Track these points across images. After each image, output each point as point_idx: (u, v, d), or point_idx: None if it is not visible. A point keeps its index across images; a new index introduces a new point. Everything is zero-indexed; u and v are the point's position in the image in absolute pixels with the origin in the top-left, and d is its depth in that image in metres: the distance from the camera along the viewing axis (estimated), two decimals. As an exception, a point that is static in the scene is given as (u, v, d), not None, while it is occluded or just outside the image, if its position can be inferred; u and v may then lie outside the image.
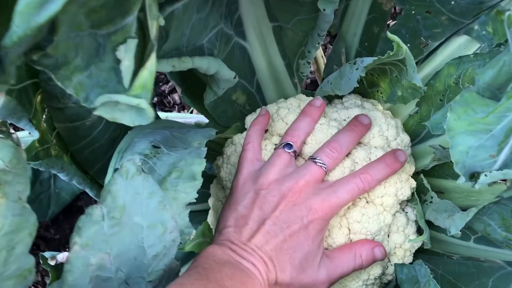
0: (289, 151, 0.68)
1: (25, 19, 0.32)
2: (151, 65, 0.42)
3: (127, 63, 0.42)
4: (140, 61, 0.44)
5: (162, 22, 0.45)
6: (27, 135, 0.95)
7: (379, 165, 0.67)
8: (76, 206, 1.07)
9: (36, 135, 0.64)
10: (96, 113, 0.41)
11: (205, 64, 0.66)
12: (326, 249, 0.69)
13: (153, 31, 0.43)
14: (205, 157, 0.64)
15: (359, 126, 0.69)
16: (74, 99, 0.66)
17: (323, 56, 1.01)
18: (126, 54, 0.42)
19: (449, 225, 0.59)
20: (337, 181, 0.66)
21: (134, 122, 0.43)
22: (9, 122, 0.63)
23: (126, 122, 0.42)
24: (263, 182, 0.65)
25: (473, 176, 0.51)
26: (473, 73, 0.67)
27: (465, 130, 0.47)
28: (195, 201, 0.59)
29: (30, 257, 0.48)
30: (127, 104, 0.41)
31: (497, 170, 0.47)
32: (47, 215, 0.98)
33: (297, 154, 0.69)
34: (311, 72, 1.19)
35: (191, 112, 1.14)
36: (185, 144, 0.70)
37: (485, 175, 0.48)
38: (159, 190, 0.57)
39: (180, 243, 0.72)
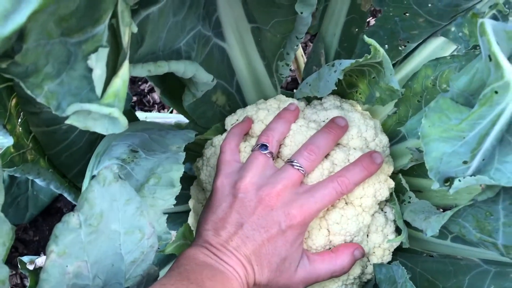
0: (265, 152, 0.68)
1: None
2: (124, 73, 0.42)
3: (98, 72, 0.41)
4: (113, 68, 0.43)
5: (135, 29, 0.45)
6: (1, 137, 0.94)
7: (356, 168, 0.67)
8: (55, 208, 1.06)
9: (10, 141, 0.63)
10: (68, 122, 0.40)
11: (182, 68, 0.65)
12: (307, 250, 0.69)
13: (125, 38, 0.43)
14: (183, 161, 0.64)
15: (336, 128, 0.70)
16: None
17: (303, 55, 1.01)
18: (98, 63, 0.41)
19: (425, 227, 0.59)
20: (315, 185, 0.66)
21: (108, 131, 0.42)
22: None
23: (99, 131, 0.42)
24: (241, 185, 0.65)
25: (448, 181, 0.51)
26: (450, 75, 0.67)
27: (439, 136, 0.47)
28: (173, 207, 0.59)
29: (4, 268, 0.48)
30: (98, 113, 0.41)
31: (470, 175, 0.48)
32: (25, 218, 0.97)
33: (273, 155, 0.69)
34: (291, 70, 1.19)
35: (171, 112, 1.13)
36: (163, 147, 0.69)
37: (459, 181, 0.49)
38: (136, 196, 0.57)
39: (158, 248, 0.73)
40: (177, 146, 0.70)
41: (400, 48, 0.73)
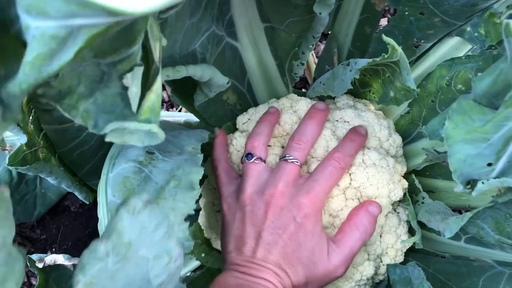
0: (252, 160, 0.68)
1: (36, 69, 0.31)
2: (157, 87, 0.42)
3: (134, 90, 0.41)
4: (144, 83, 0.43)
5: (164, 42, 0.44)
6: (11, 135, 0.93)
7: (345, 143, 0.68)
8: (63, 206, 1.05)
9: (24, 139, 0.63)
10: (107, 139, 0.40)
11: (199, 72, 0.65)
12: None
13: (156, 53, 0.42)
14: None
15: (319, 113, 0.71)
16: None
17: (313, 54, 1.01)
18: (133, 81, 0.41)
19: (443, 228, 0.59)
20: (314, 171, 0.67)
21: (144, 143, 0.42)
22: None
23: (136, 144, 0.42)
24: (244, 198, 0.66)
25: (469, 183, 0.51)
26: (465, 75, 0.67)
27: (463, 138, 0.47)
28: (193, 212, 0.59)
29: None
30: (136, 129, 0.41)
31: (495, 178, 0.48)
32: (33, 215, 0.96)
33: (263, 159, 0.69)
34: (300, 70, 1.18)
35: (180, 110, 1.13)
36: (179, 148, 0.69)
37: (482, 183, 0.48)
38: (165, 220, 0.56)
39: None
40: (192, 147, 0.69)
41: (414, 47, 0.72)
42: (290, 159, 0.66)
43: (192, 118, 0.96)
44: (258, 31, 0.74)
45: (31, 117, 0.70)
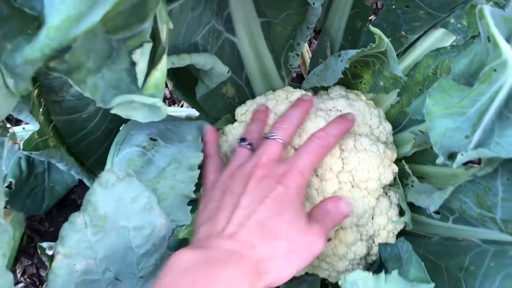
0: (245, 143, 0.71)
1: (63, 32, 0.34)
2: (163, 66, 0.45)
3: (142, 65, 0.44)
4: (151, 61, 0.47)
5: (171, 25, 0.48)
6: (21, 131, 0.98)
7: (331, 124, 0.71)
8: (70, 199, 1.09)
9: (36, 126, 0.67)
10: (112, 111, 0.44)
11: (202, 61, 0.69)
12: None
13: (163, 34, 0.46)
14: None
15: (304, 102, 0.74)
16: (72, 92, 0.68)
17: (308, 50, 1.05)
18: (142, 57, 0.44)
19: (428, 203, 0.63)
20: (298, 150, 0.70)
21: (147, 119, 0.46)
22: (11, 113, 0.65)
23: (138, 119, 0.46)
24: (227, 172, 0.67)
25: (451, 157, 0.55)
26: (450, 64, 0.71)
27: (442, 113, 0.51)
28: (194, 195, 0.62)
29: (8, 274, 0.50)
30: (141, 103, 0.44)
31: (472, 149, 0.52)
32: (42, 208, 1.00)
33: (253, 146, 0.71)
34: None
35: (181, 106, 1.17)
36: (180, 137, 0.73)
37: (462, 155, 0.52)
38: (145, 192, 0.59)
39: (173, 233, 0.76)
40: (192, 136, 0.74)
41: (402, 39, 0.77)
42: (273, 136, 0.68)
43: (193, 113, 1.00)
44: (254, 26, 0.79)
45: (41, 110, 0.74)
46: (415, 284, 0.61)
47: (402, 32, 0.76)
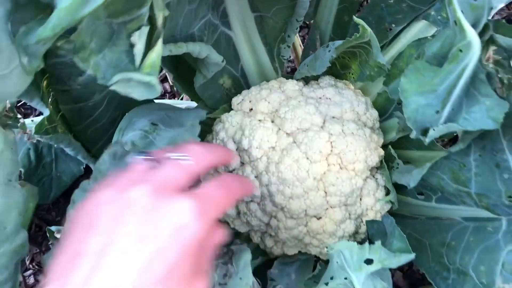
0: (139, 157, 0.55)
1: (72, 12, 0.39)
2: (158, 49, 0.51)
3: (140, 47, 0.50)
4: (147, 44, 0.52)
5: (166, 13, 0.54)
6: (30, 123, 1.03)
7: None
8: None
9: (46, 112, 0.72)
10: (112, 88, 0.49)
11: (197, 49, 0.74)
12: (305, 212, 0.77)
13: (159, 20, 0.52)
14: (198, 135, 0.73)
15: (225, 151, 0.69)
16: (79, 81, 0.74)
17: (301, 45, 1.11)
18: (140, 39, 0.50)
19: (409, 180, 0.68)
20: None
21: (143, 96, 0.51)
22: (23, 101, 0.70)
23: (135, 96, 0.51)
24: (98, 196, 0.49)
25: (425, 132, 0.60)
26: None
27: (415, 91, 0.56)
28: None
29: (23, 232, 0.55)
30: (138, 81, 0.50)
31: (442, 124, 0.57)
32: (49, 197, 1.05)
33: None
34: (291, 61, 1.28)
35: (181, 99, 1.23)
36: (179, 123, 0.78)
37: (433, 130, 0.58)
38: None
39: None
40: (191, 122, 0.79)
41: (386, 31, 0.82)
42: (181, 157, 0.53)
43: (192, 105, 1.06)
44: (249, 20, 0.84)
45: (50, 99, 0.79)
46: (397, 254, 0.66)
47: (386, 24, 0.81)
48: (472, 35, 0.51)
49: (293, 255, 0.87)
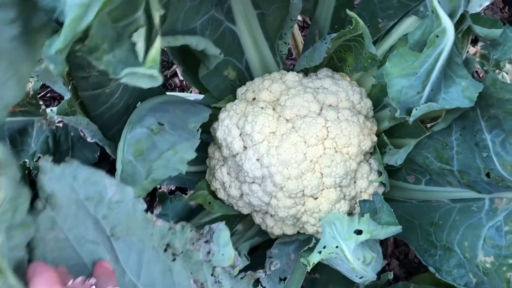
0: None
1: (72, 28, 0.48)
2: (157, 45, 0.59)
3: (140, 45, 0.58)
4: (148, 41, 0.60)
5: (161, 12, 0.62)
6: (49, 112, 1.11)
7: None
8: (90, 176, 1.22)
9: (67, 95, 0.79)
10: (122, 81, 0.57)
11: (195, 42, 0.81)
12: (303, 192, 0.84)
13: (156, 20, 0.60)
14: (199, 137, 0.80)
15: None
16: (97, 68, 0.81)
17: (302, 42, 1.18)
18: (139, 38, 0.58)
19: (396, 158, 0.74)
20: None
21: (148, 85, 0.59)
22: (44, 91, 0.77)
23: (142, 85, 0.59)
24: None
25: (408, 113, 0.66)
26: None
27: (398, 74, 0.63)
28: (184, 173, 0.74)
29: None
30: (142, 74, 0.58)
31: (423, 103, 0.63)
32: (65, 183, 1.12)
33: None
34: (293, 59, 1.35)
35: (190, 92, 1.30)
36: (184, 123, 0.85)
37: (416, 109, 0.64)
38: (83, 167, 0.68)
39: (175, 198, 0.88)
40: (194, 124, 0.86)
41: (379, 26, 0.89)
42: None
43: (200, 97, 1.13)
44: (251, 16, 0.91)
45: (70, 86, 0.87)
46: (385, 226, 0.72)
47: (379, 19, 0.88)
48: (447, 22, 0.58)
49: (292, 235, 0.93)
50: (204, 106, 0.95)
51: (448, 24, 0.57)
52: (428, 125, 0.94)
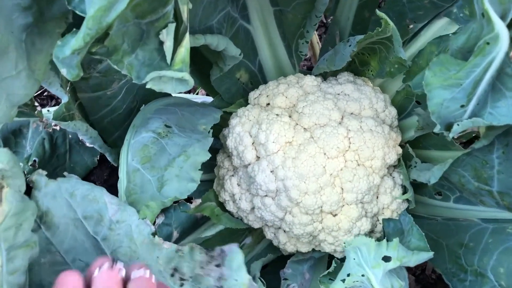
0: None
1: (97, 21, 0.41)
2: (186, 43, 0.52)
3: (168, 44, 0.51)
4: (175, 40, 0.53)
5: (190, 5, 0.54)
6: (46, 112, 1.03)
7: None
8: (89, 181, 1.14)
9: (65, 98, 0.72)
10: (148, 86, 0.51)
11: (215, 41, 0.74)
12: (321, 208, 0.77)
13: (184, 14, 0.52)
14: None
15: None
16: (98, 68, 0.74)
17: (319, 42, 1.10)
18: (168, 36, 0.51)
19: (429, 176, 0.67)
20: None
21: (176, 90, 0.53)
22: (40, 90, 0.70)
23: (169, 91, 0.52)
24: None
25: (448, 128, 0.59)
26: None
27: (440, 85, 0.55)
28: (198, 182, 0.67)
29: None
30: (170, 77, 0.51)
31: (467, 119, 0.56)
32: (62, 188, 1.05)
33: None
34: (307, 59, 1.27)
35: (197, 94, 1.23)
36: (192, 125, 0.78)
37: (458, 125, 0.57)
38: (81, 185, 0.65)
39: (179, 207, 0.81)
40: (204, 126, 0.78)
41: (407, 28, 0.81)
42: None
43: (208, 100, 1.05)
44: (268, 14, 0.84)
45: (68, 88, 0.79)
46: (416, 252, 0.65)
47: (407, 21, 0.80)
48: (500, 27, 0.50)
49: (306, 253, 0.86)
50: (214, 107, 0.88)
51: (502, 30, 0.50)
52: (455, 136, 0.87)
